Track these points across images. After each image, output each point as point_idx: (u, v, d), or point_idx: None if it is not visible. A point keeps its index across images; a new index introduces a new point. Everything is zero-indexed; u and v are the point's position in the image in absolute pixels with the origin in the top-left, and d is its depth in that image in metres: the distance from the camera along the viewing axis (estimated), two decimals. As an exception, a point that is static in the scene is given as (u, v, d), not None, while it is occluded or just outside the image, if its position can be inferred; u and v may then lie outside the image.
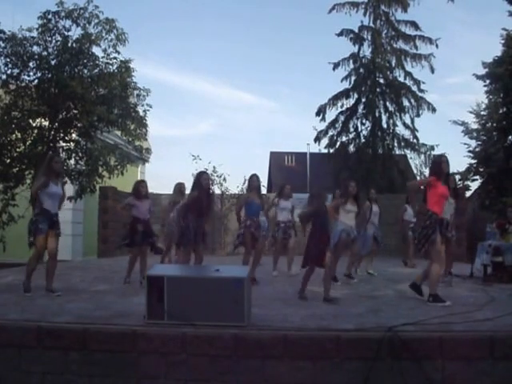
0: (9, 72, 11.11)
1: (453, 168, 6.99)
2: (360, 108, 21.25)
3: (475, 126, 21.22)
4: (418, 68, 20.96)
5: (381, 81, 21.08)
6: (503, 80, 17.55)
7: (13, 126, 10.97)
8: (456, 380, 4.10)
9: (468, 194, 18.68)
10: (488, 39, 49.24)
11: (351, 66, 21.18)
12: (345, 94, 21.22)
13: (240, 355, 4.16)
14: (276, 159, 28.43)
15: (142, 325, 4.42)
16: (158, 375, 4.18)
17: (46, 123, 11.33)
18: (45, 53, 11.10)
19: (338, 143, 21.42)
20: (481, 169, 19.67)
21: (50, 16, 10.93)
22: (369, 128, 21.12)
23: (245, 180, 14.61)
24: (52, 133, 11.34)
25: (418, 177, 21.30)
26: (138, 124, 12.26)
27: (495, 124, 19.19)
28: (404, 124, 21.05)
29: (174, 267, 6.32)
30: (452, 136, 54.62)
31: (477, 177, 20.30)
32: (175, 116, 60.97)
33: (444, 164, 5.98)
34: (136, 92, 12.22)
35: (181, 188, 8.92)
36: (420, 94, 20.80)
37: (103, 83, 11.31)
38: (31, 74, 11.26)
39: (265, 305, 5.51)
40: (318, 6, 43.99)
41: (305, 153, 24.95)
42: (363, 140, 21.18)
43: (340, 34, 21.26)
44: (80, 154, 11.69)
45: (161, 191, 14.71)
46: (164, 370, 4.19)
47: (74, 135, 11.78)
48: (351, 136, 21.42)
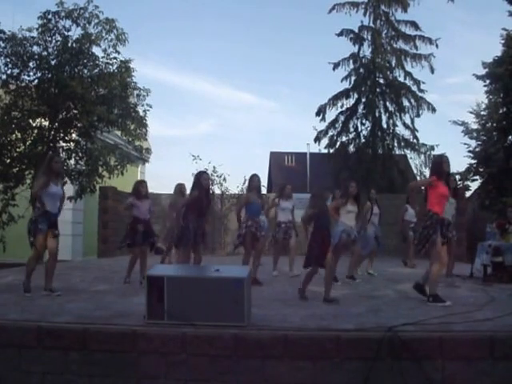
0: (9, 72, 11.12)
1: (453, 168, 6.96)
2: (360, 108, 21.25)
3: (475, 126, 21.23)
4: (418, 68, 21.00)
5: (381, 81, 21.08)
6: (503, 80, 17.55)
7: (13, 126, 10.98)
8: (456, 380, 4.10)
9: (468, 194, 18.67)
10: (488, 39, 49.19)
11: (351, 66, 21.20)
12: (345, 94, 21.22)
13: (240, 355, 4.16)
14: (276, 159, 28.39)
15: (142, 325, 4.42)
16: (158, 375, 4.18)
17: (46, 123, 11.33)
18: (45, 53, 11.11)
19: (338, 143, 21.42)
20: (481, 169, 19.66)
21: (50, 16, 10.94)
22: (369, 128, 21.12)
23: (245, 180, 14.65)
24: (52, 133, 11.35)
25: (418, 177, 21.30)
26: (138, 124, 12.26)
27: (495, 124, 19.19)
28: (404, 124, 21.06)
29: (174, 267, 6.32)
30: (452, 136, 54.69)
31: (477, 177, 20.30)
32: (175, 116, 60.99)
33: (445, 164, 5.97)
34: (136, 92, 12.23)
35: (181, 189, 8.91)
36: (420, 94, 20.81)
37: (103, 83, 11.31)
38: (31, 74, 11.28)
39: (265, 305, 5.51)
40: (318, 6, 43.99)
41: (305, 153, 24.92)
42: (363, 140, 21.18)
43: (340, 34, 21.27)
44: (80, 154, 11.69)
45: (161, 191, 14.77)
46: (164, 370, 4.19)
47: (74, 135, 11.78)
48: (351, 136, 21.42)
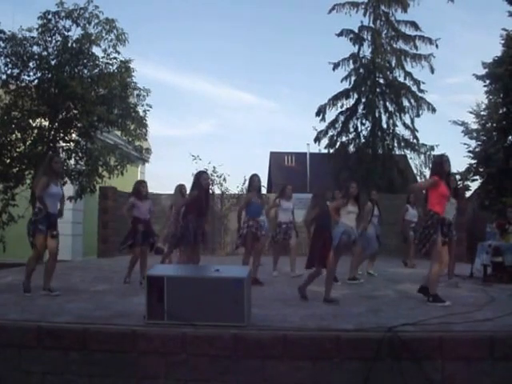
0: (9, 72, 11.11)
1: (453, 168, 6.95)
2: (360, 108, 21.23)
3: (475, 126, 21.26)
4: (418, 68, 20.95)
5: (381, 81, 21.06)
6: (503, 80, 17.56)
7: (13, 126, 10.96)
8: (456, 380, 4.10)
9: (468, 194, 18.69)
10: (488, 39, 49.17)
11: (351, 66, 21.17)
12: (345, 94, 21.20)
13: (240, 355, 4.16)
14: (276, 159, 28.39)
15: (142, 325, 4.42)
16: (158, 375, 4.19)
17: (46, 123, 11.32)
18: (45, 53, 11.10)
19: (338, 143, 21.40)
20: (481, 169, 19.69)
21: (50, 16, 10.93)
22: (369, 128, 21.10)
23: (245, 180, 14.65)
24: (52, 133, 11.34)
25: (418, 177, 21.30)
26: (138, 124, 12.25)
27: (495, 124, 19.21)
28: (404, 124, 21.03)
29: (174, 267, 6.33)
30: (452, 136, 54.57)
31: (477, 177, 20.33)
32: (175, 116, 60.98)
33: (445, 163, 5.96)
34: (136, 92, 12.22)
35: (181, 189, 8.90)
36: (420, 94, 20.78)
37: (103, 83, 11.30)
38: (31, 74, 11.27)
39: (265, 305, 5.52)
40: (318, 6, 43.96)
41: (305, 153, 24.92)
42: (363, 140, 21.15)
43: (340, 34, 21.24)
44: (80, 154, 11.68)
45: (161, 191, 14.78)
46: (164, 370, 4.19)
47: (74, 135, 11.77)
48: (351, 136, 21.39)
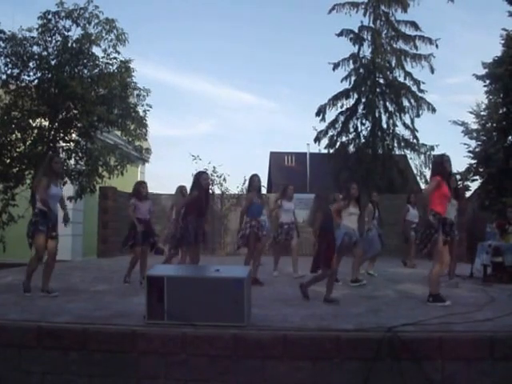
0: (9, 72, 11.09)
1: (453, 168, 6.95)
2: (360, 108, 21.24)
3: (475, 127, 21.26)
4: (418, 68, 20.98)
5: (381, 81, 21.06)
6: (503, 80, 17.56)
7: (13, 126, 10.95)
8: (456, 380, 4.10)
9: (468, 195, 18.68)
10: (488, 39, 49.26)
11: (351, 67, 21.19)
12: (345, 94, 21.21)
13: (240, 355, 4.16)
14: (276, 159, 28.39)
15: (142, 325, 4.42)
16: (158, 375, 4.19)
17: (46, 123, 11.31)
18: (45, 53, 11.09)
19: (338, 143, 21.41)
20: (481, 169, 19.68)
21: (50, 16, 10.91)
22: (369, 128, 21.11)
23: (245, 180, 14.66)
24: (52, 133, 11.33)
25: (418, 177, 21.34)
26: (138, 124, 12.24)
27: (495, 124, 19.20)
28: (404, 124, 21.04)
29: (174, 267, 6.32)
30: (452, 136, 54.61)
31: (477, 177, 20.33)
32: (175, 116, 61.00)
33: (446, 163, 5.95)
34: (136, 92, 12.21)
35: (182, 190, 8.91)
36: (420, 94, 20.79)
37: (103, 83, 11.29)
38: (31, 74, 11.25)
39: (265, 305, 5.52)
40: (318, 6, 44.02)
41: (305, 153, 24.92)
42: (363, 140, 21.16)
43: (340, 34, 21.26)
44: (80, 154, 11.67)
45: (161, 191, 14.79)
46: (164, 370, 4.19)
47: (74, 135, 11.76)
48: (351, 136, 21.40)
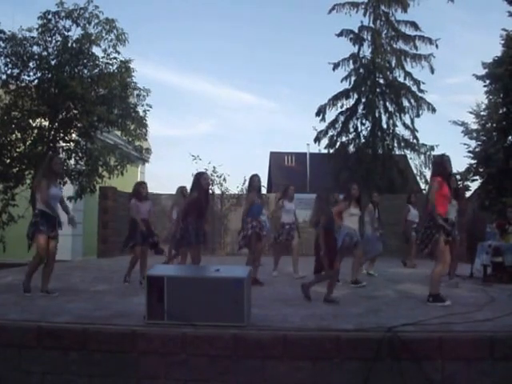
0: (9, 72, 11.09)
1: (453, 168, 6.95)
2: (360, 108, 21.26)
3: (475, 127, 21.28)
4: (418, 68, 21.03)
5: (381, 81, 21.09)
6: (503, 80, 17.56)
7: (13, 126, 10.95)
8: (456, 380, 4.10)
9: (468, 195, 18.67)
10: (488, 39, 49.29)
11: (351, 67, 21.23)
12: (345, 95, 21.24)
13: (240, 355, 4.16)
14: (276, 159, 28.39)
15: (142, 325, 4.42)
16: (158, 375, 4.18)
17: (46, 123, 11.31)
18: (45, 53, 11.09)
19: (338, 143, 21.44)
20: (481, 169, 19.69)
21: (50, 16, 10.91)
22: (369, 128, 21.13)
23: (245, 180, 14.67)
24: (52, 133, 11.32)
25: (418, 177, 21.35)
26: (138, 124, 12.24)
27: (495, 124, 19.21)
28: (404, 124, 21.07)
29: (174, 267, 6.32)
30: (452, 136, 54.60)
31: (477, 177, 20.34)
32: (175, 116, 61.03)
33: (446, 163, 5.95)
34: (136, 92, 12.20)
35: (182, 191, 8.95)
36: (420, 95, 20.83)
37: (103, 83, 11.29)
38: (31, 74, 11.25)
39: (265, 305, 5.51)
40: (318, 6, 44.06)
41: (305, 153, 24.93)
42: (363, 140, 21.19)
43: (340, 35, 21.29)
44: (80, 154, 11.66)
45: (161, 191, 14.79)
46: (164, 370, 4.19)
47: (74, 135, 11.76)
48: (351, 136, 21.44)
